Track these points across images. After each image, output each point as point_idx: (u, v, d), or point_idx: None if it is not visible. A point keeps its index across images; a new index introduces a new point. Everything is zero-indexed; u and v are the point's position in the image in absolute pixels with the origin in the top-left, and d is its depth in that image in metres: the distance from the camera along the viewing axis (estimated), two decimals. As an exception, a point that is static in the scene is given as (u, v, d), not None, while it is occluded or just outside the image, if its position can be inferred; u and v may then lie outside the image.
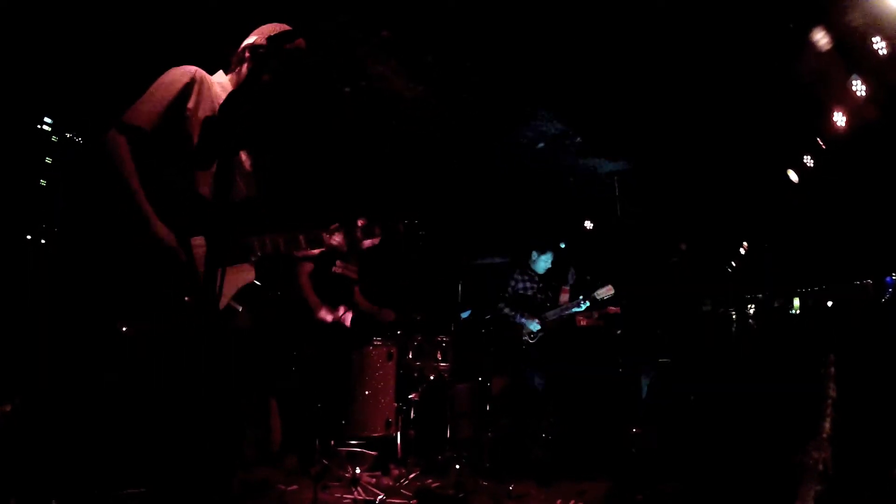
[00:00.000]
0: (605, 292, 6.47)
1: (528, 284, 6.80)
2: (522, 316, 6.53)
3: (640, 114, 8.38)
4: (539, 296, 6.75)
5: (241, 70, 3.01)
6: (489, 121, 8.52)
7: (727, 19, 6.45)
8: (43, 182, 5.58)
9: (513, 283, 6.81)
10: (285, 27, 3.01)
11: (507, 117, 8.62)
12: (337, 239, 3.21)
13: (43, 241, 5.16)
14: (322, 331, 5.30)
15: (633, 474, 5.23)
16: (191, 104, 2.78)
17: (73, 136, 5.74)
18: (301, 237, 3.04)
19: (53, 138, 5.72)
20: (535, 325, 6.49)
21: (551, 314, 6.56)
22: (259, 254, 2.89)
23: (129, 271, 2.60)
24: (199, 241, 2.72)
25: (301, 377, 5.07)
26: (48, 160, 5.65)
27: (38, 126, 5.66)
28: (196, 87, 2.81)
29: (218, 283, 2.24)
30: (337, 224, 3.23)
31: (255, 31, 3.03)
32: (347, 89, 6.94)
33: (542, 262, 6.87)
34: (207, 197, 2.77)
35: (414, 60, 6.91)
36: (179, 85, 2.78)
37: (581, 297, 6.53)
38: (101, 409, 3.15)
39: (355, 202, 5.70)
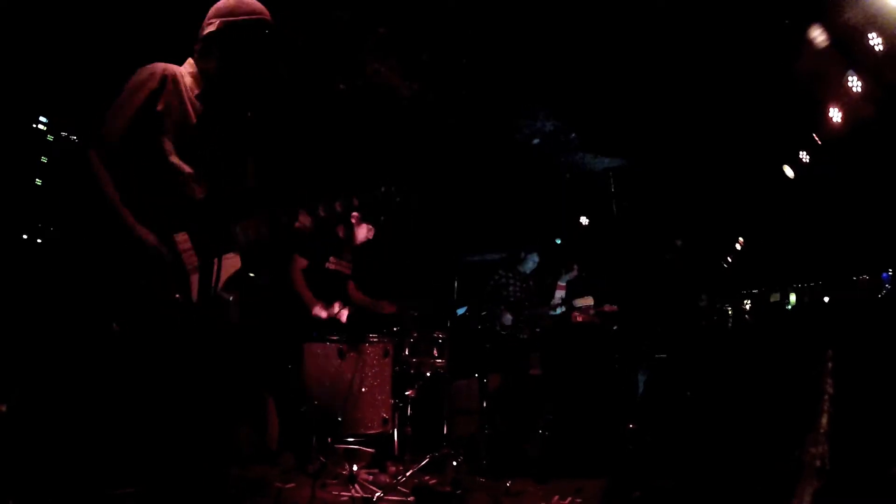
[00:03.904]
0: (584, 302, 6.60)
1: (510, 281, 6.81)
2: (498, 308, 6.57)
3: (636, 110, 8.38)
4: (520, 294, 6.76)
5: (209, 59, 2.86)
6: (486, 117, 8.52)
7: (724, 15, 6.45)
8: (38, 181, 5.57)
9: (495, 279, 6.83)
10: (248, 3, 2.85)
11: (504, 114, 8.62)
12: (304, 221, 3.19)
13: (39, 241, 5.15)
14: (318, 327, 5.28)
15: (631, 471, 5.23)
16: (161, 107, 2.71)
17: (68, 136, 5.72)
18: (281, 216, 3.03)
19: (49, 137, 5.70)
20: (507, 319, 6.53)
21: (526, 313, 6.61)
22: (242, 241, 2.88)
23: (121, 271, 2.60)
24: (182, 238, 2.72)
25: (298, 375, 5.05)
26: (44, 159, 5.63)
27: (34, 125, 5.64)
28: (167, 88, 2.73)
29: (214, 276, 2.25)
30: (303, 210, 3.22)
31: (215, 13, 2.85)
32: (344, 87, 6.93)
33: (531, 263, 6.92)
34: (189, 192, 2.77)
35: (411, 57, 6.90)
36: (147, 90, 2.71)
37: (560, 301, 6.72)
38: (95, 407, 3.14)
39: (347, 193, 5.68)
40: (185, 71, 2.88)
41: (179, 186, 2.75)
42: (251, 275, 2.95)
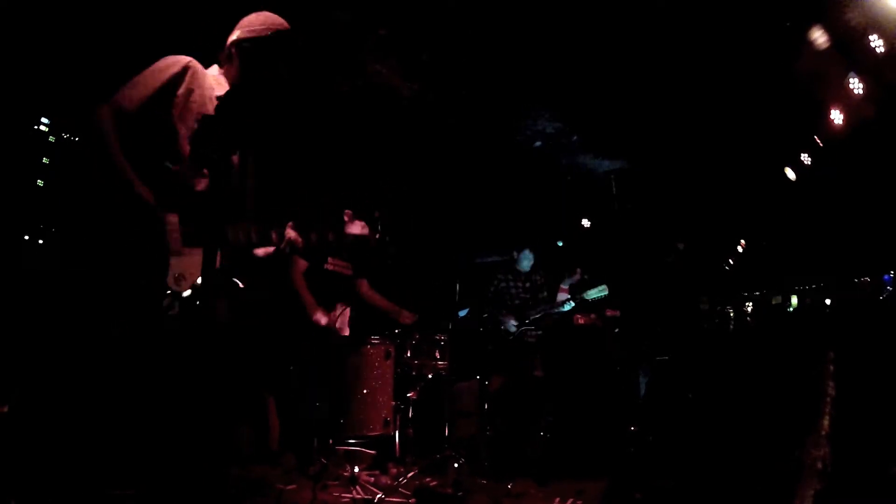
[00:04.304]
0: (597, 292, 6.44)
1: (510, 284, 6.74)
2: (501, 315, 6.49)
3: (638, 112, 8.38)
4: (523, 295, 6.69)
5: (230, 66, 3.04)
6: (487, 119, 8.52)
7: (726, 17, 6.45)
8: (40, 182, 5.58)
9: (495, 283, 6.74)
10: (269, 17, 3.04)
11: (506, 116, 8.63)
12: (291, 234, 3.20)
13: (40, 242, 5.16)
14: (317, 332, 5.28)
15: (632, 472, 5.23)
16: (181, 91, 2.82)
17: (70, 137, 5.73)
18: (273, 233, 3.07)
19: (51, 139, 5.71)
20: (511, 326, 6.44)
21: (533, 314, 6.52)
22: (231, 241, 2.91)
23: (117, 268, 2.61)
24: (172, 219, 2.75)
25: (299, 376, 5.05)
26: (45, 160, 5.65)
27: (36, 127, 5.65)
28: (188, 76, 2.85)
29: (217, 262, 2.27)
30: (291, 223, 3.24)
31: (239, 25, 3.05)
32: (345, 87, 6.94)
33: (525, 260, 6.78)
34: (189, 181, 2.83)
35: (411, 58, 6.90)
36: (171, 72, 2.83)
37: (567, 297, 6.50)
38: (95, 408, 3.14)
39: (346, 198, 5.69)
40: (209, 72, 3.01)
41: (180, 173, 2.78)
42: (233, 278, 2.95)
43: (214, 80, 2.99)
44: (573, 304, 6.48)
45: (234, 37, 3.02)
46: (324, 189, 6.84)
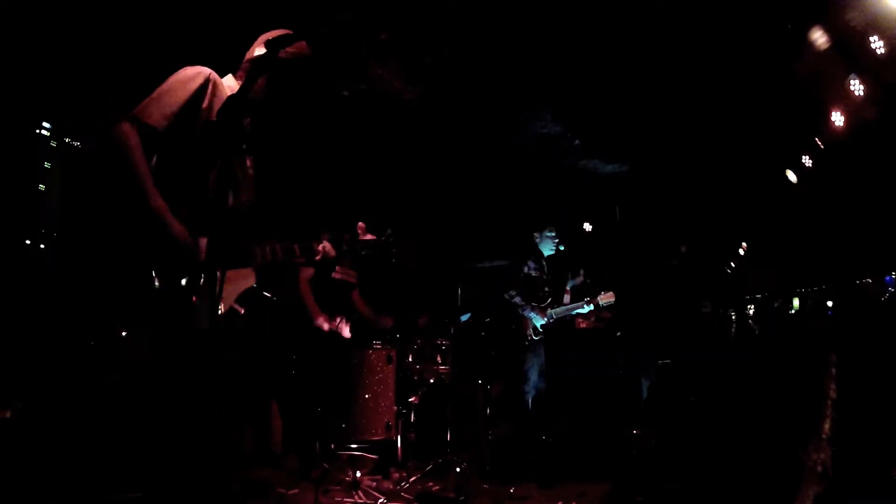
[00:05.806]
0: (607, 298, 6.39)
1: (538, 274, 6.61)
2: (532, 310, 6.37)
3: (639, 115, 8.38)
4: (546, 288, 6.58)
5: (251, 79, 2.99)
6: (488, 122, 8.52)
7: (726, 19, 6.45)
8: (42, 187, 5.58)
9: (525, 269, 6.59)
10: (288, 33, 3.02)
11: (507, 119, 8.63)
12: (326, 248, 3.22)
13: (42, 246, 5.16)
14: (319, 337, 5.31)
15: (634, 475, 5.22)
16: (205, 104, 2.75)
17: (71, 141, 5.74)
18: (296, 247, 3.07)
19: (52, 143, 5.72)
20: (540, 321, 6.35)
21: (557, 312, 6.43)
22: (259, 261, 2.92)
23: (130, 273, 2.60)
24: (204, 243, 2.72)
25: (301, 380, 5.06)
26: (47, 165, 5.65)
27: (37, 131, 5.66)
28: (210, 88, 2.78)
29: (218, 285, 2.26)
30: (327, 234, 3.25)
31: (261, 40, 3.00)
32: (346, 92, 6.94)
33: (548, 241, 6.61)
34: (212, 198, 2.78)
35: (413, 62, 6.90)
36: (195, 84, 2.75)
37: (587, 299, 6.42)
38: (98, 411, 3.15)
39: (351, 206, 5.71)
40: (225, 82, 2.95)
41: (204, 191, 2.75)
42: (261, 291, 2.98)
43: (230, 90, 2.92)
44: (592, 307, 6.41)
45: (261, 52, 2.94)
46: (325, 194, 6.85)
